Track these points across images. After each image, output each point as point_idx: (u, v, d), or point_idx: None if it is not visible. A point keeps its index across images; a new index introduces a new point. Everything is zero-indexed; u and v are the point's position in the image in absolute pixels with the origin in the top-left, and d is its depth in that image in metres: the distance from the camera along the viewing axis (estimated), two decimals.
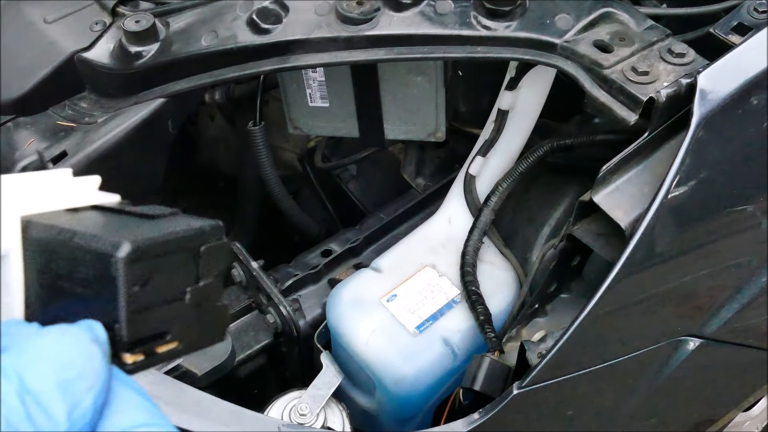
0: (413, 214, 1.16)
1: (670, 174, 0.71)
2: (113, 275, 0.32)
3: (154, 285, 0.34)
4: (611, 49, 0.78)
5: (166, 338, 0.35)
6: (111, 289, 0.32)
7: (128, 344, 0.33)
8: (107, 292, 0.33)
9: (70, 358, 0.29)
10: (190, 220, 0.38)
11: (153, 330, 0.34)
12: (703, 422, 1.04)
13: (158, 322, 0.34)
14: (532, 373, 0.74)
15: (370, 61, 0.83)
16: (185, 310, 0.35)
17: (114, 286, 0.32)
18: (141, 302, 0.33)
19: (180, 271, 0.35)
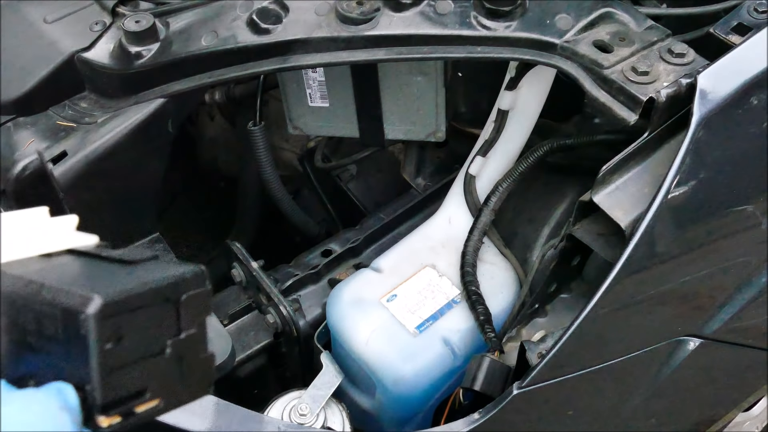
0: (413, 214, 1.16)
1: (670, 174, 0.71)
2: (83, 333, 0.30)
3: (130, 340, 0.31)
4: (611, 49, 0.78)
5: (145, 396, 0.32)
6: (81, 347, 0.30)
7: (102, 406, 0.31)
8: (77, 350, 0.30)
9: (36, 428, 0.27)
10: (170, 266, 0.35)
11: (130, 389, 0.31)
12: (703, 422, 1.04)
13: (135, 380, 0.32)
14: (532, 373, 0.74)
15: (370, 61, 0.83)
16: (165, 365, 0.33)
17: (84, 344, 0.30)
18: (115, 361, 0.31)
19: (159, 324, 0.33)
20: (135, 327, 0.31)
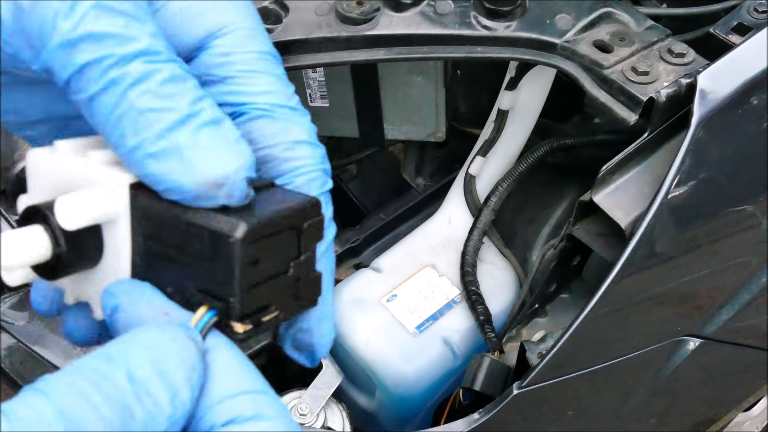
0: (413, 214, 1.16)
1: (670, 174, 0.71)
2: (229, 254, 0.34)
3: (264, 262, 0.35)
4: (611, 49, 0.78)
5: (270, 309, 0.36)
6: (227, 266, 0.34)
7: (240, 316, 0.35)
8: (222, 268, 0.34)
9: (168, 351, 0.30)
10: (287, 194, 0.39)
11: (259, 303, 0.36)
12: (703, 422, 1.04)
13: (265, 296, 0.36)
14: (532, 373, 0.74)
15: (370, 61, 0.83)
16: (287, 283, 0.37)
17: (230, 264, 0.34)
18: (252, 279, 0.35)
19: (284, 248, 0.37)
20: (268, 250, 0.35)
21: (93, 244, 0.37)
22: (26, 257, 0.34)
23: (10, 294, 0.90)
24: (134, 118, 0.31)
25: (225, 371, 0.32)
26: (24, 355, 0.83)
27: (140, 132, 0.32)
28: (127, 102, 0.31)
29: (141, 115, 0.31)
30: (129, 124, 0.32)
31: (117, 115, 0.31)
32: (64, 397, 0.26)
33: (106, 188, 0.35)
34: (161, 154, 0.32)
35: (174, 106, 0.32)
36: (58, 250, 0.35)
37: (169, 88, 0.32)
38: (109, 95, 0.31)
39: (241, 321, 0.35)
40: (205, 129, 0.33)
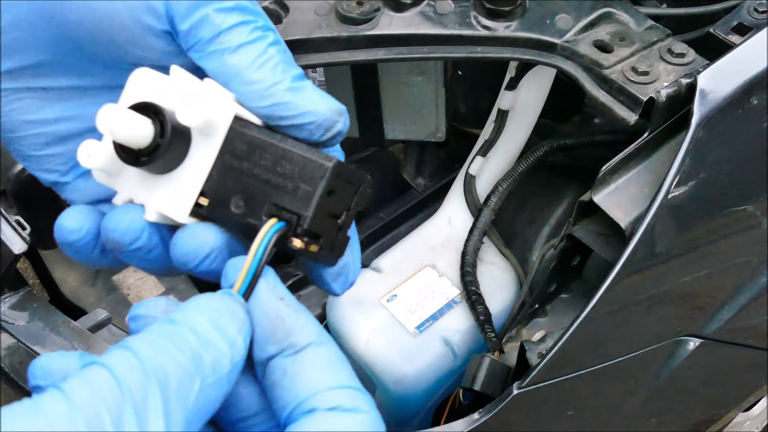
0: (413, 214, 1.16)
1: (670, 174, 0.71)
2: (318, 177, 0.40)
3: (334, 199, 0.41)
4: (611, 49, 0.78)
5: (318, 241, 0.41)
6: (310, 186, 0.40)
7: (305, 232, 0.40)
8: (304, 188, 0.40)
9: (220, 310, 0.36)
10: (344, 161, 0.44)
11: (316, 230, 0.41)
12: (703, 422, 1.04)
13: (321, 226, 0.41)
14: (532, 373, 0.74)
15: (370, 61, 0.83)
16: (334, 227, 0.42)
17: (315, 184, 0.40)
18: (323, 207, 0.40)
19: (345, 197, 0.42)
20: (339, 191, 0.41)
21: (181, 150, 0.41)
22: (135, 132, 0.39)
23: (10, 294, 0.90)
24: (275, 64, 0.42)
25: (329, 365, 0.37)
26: (24, 355, 0.83)
27: (281, 73, 0.42)
28: (268, 53, 0.42)
29: (280, 63, 0.42)
30: (270, 67, 0.42)
31: (261, 60, 0.41)
32: (146, 350, 0.32)
33: (220, 104, 0.41)
34: (300, 88, 0.42)
35: (296, 66, 0.43)
36: (159, 141, 0.40)
37: (287, 53, 0.43)
38: (257, 45, 0.42)
39: (300, 237, 0.40)
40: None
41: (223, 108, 0.41)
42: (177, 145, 0.41)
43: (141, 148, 0.40)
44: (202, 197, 0.41)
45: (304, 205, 0.40)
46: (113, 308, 1.00)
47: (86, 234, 0.44)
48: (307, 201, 0.40)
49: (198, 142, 0.42)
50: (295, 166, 0.41)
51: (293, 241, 0.40)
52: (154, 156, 0.40)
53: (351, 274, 0.48)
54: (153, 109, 0.40)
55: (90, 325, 0.88)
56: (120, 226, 0.43)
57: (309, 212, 0.40)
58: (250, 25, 0.42)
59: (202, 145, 0.42)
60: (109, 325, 0.91)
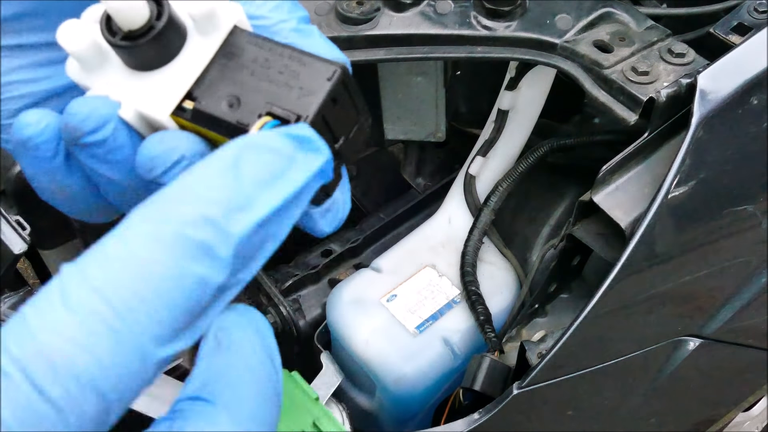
0: (413, 214, 1.16)
1: (670, 174, 0.71)
2: (323, 80, 0.37)
3: (335, 112, 0.38)
4: (611, 49, 0.78)
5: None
6: (314, 87, 0.36)
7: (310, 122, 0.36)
8: (307, 89, 0.36)
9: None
10: None
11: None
12: (703, 422, 1.04)
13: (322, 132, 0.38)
14: (532, 373, 0.74)
15: (370, 61, 0.83)
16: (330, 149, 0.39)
17: (320, 87, 0.36)
18: (324, 113, 0.37)
19: (345, 120, 0.39)
20: (340, 105, 0.38)
21: (173, 44, 0.37)
22: (131, 4, 0.35)
23: (10, 294, 0.90)
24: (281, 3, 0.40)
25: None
26: None
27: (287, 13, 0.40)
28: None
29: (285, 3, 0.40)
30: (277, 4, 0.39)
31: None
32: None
33: (224, 3, 0.38)
34: (306, 31, 0.40)
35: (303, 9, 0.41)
36: (153, 23, 0.36)
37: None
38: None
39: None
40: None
41: (228, 5, 0.38)
42: (170, 36, 0.37)
43: (132, 29, 0.36)
44: (189, 100, 0.37)
45: (305, 104, 0.36)
46: None
47: (46, 128, 0.37)
48: (309, 101, 0.36)
49: (194, 40, 0.38)
50: (300, 67, 0.37)
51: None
52: (145, 38, 0.36)
53: (340, 211, 0.44)
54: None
55: None
56: (83, 109, 0.36)
57: (311, 112, 0.36)
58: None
59: (198, 43, 0.38)
60: None
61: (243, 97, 0.37)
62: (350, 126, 0.40)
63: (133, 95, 0.37)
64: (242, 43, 0.38)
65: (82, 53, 0.36)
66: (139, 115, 0.37)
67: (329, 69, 0.37)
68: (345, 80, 0.38)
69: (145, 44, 0.36)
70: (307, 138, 0.34)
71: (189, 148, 0.36)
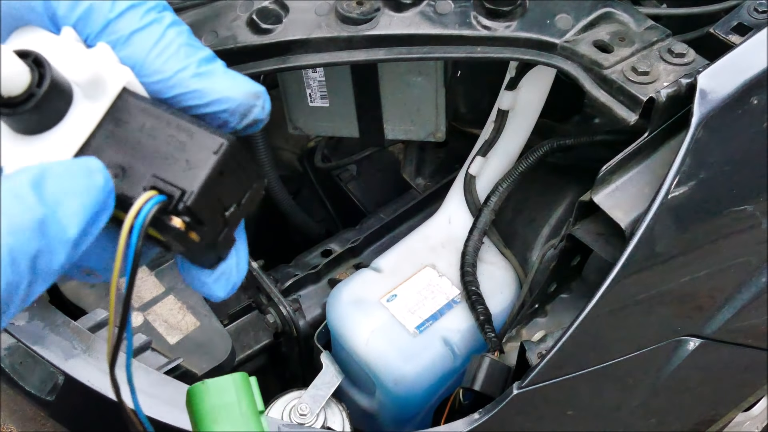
0: (413, 214, 1.16)
1: (670, 174, 0.71)
2: (209, 153, 0.36)
3: (224, 184, 0.37)
4: (611, 49, 0.78)
5: (201, 228, 0.37)
6: (200, 161, 0.36)
7: (184, 210, 0.36)
8: (194, 162, 0.36)
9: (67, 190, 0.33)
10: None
11: (199, 215, 0.37)
12: (703, 422, 1.04)
13: (205, 213, 0.37)
14: (532, 373, 0.74)
15: (370, 61, 0.83)
16: (219, 219, 0.38)
17: (206, 160, 0.36)
18: (211, 187, 0.36)
19: (236, 188, 0.39)
20: (229, 176, 0.37)
21: (58, 108, 0.36)
22: (9, 73, 0.34)
23: None
24: (176, 48, 0.38)
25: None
26: (24, 355, 0.83)
27: (184, 59, 0.38)
28: (167, 37, 0.38)
29: (182, 48, 0.38)
30: (172, 52, 0.38)
31: (160, 47, 0.38)
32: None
33: (112, 66, 0.37)
34: (208, 74, 0.39)
35: (202, 47, 0.40)
36: (34, 90, 0.35)
37: (191, 35, 0.40)
38: (152, 30, 0.38)
39: (180, 216, 0.36)
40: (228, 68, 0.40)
41: (115, 70, 0.37)
42: (54, 101, 0.36)
43: (11, 96, 0.35)
44: None
45: (190, 179, 0.36)
46: None
47: None
48: (195, 175, 0.36)
49: (80, 104, 0.37)
50: (187, 138, 0.36)
51: (172, 220, 0.36)
52: (25, 106, 0.35)
53: (234, 275, 0.43)
54: (34, 58, 0.35)
55: (90, 325, 0.88)
56: None
57: (195, 187, 0.35)
58: (141, 7, 0.38)
59: (85, 108, 0.37)
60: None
61: (128, 167, 0.36)
62: (241, 193, 0.39)
63: (16, 161, 0.36)
64: (130, 108, 0.37)
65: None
66: None
67: (216, 142, 0.36)
68: (233, 152, 0.37)
69: (26, 111, 0.35)
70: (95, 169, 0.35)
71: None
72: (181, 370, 0.88)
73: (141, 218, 0.35)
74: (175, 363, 0.87)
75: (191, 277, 0.42)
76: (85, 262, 0.38)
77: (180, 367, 0.88)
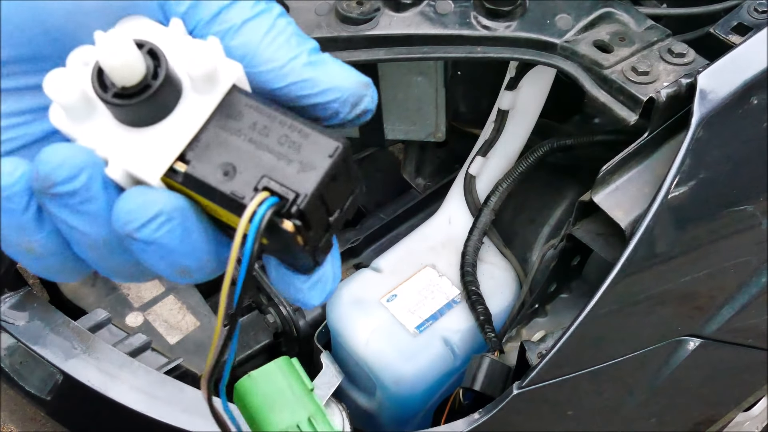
0: (413, 214, 1.16)
1: (670, 174, 0.71)
2: (327, 155, 0.35)
3: (333, 189, 0.36)
4: (611, 49, 0.78)
5: (307, 233, 0.35)
6: (314, 163, 0.35)
7: (297, 214, 0.34)
8: (308, 163, 0.35)
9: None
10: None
11: (309, 218, 0.35)
12: (703, 422, 1.04)
13: (313, 217, 0.35)
14: (532, 373, 0.74)
15: (370, 61, 0.83)
16: (324, 225, 0.37)
17: (321, 162, 0.34)
18: (323, 191, 0.35)
19: (341, 194, 0.37)
20: (339, 181, 0.36)
21: (168, 102, 0.35)
22: (129, 61, 0.33)
23: (10, 294, 0.90)
24: (287, 37, 0.38)
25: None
26: (24, 355, 0.83)
27: (296, 47, 0.38)
28: (278, 27, 0.38)
29: (292, 37, 0.38)
30: (284, 41, 0.38)
31: (272, 35, 0.37)
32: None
33: (224, 58, 0.36)
34: (320, 62, 0.38)
35: (309, 38, 0.39)
36: (149, 81, 0.34)
37: (297, 26, 0.39)
38: (264, 20, 0.38)
39: (291, 219, 0.34)
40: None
41: (227, 63, 0.36)
42: (166, 95, 0.35)
43: (125, 86, 0.34)
44: (180, 162, 0.35)
45: (304, 181, 0.34)
46: (113, 308, 1.00)
47: (20, 179, 0.34)
48: (308, 178, 0.34)
49: (190, 99, 0.36)
50: (300, 139, 0.35)
51: (283, 223, 0.34)
52: (138, 98, 0.34)
53: (329, 283, 0.41)
54: (149, 49, 0.35)
55: (90, 325, 0.88)
56: (56, 157, 0.33)
57: (309, 190, 0.34)
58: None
59: (194, 102, 0.36)
60: (109, 325, 0.91)
61: (239, 165, 0.35)
62: (345, 198, 0.38)
63: (121, 153, 0.35)
64: (240, 105, 0.36)
65: (72, 103, 0.34)
66: (127, 175, 0.35)
67: (331, 145, 0.35)
68: (345, 156, 0.35)
69: (139, 103, 0.34)
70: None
71: (169, 204, 0.34)
72: (181, 370, 0.88)
73: (256, 221, 0.33)
74: (175, 363, 0.87)
75: (286, 284, 0.40)
76: (180, 260, 0.36)
77: (180, 367, 0.88)
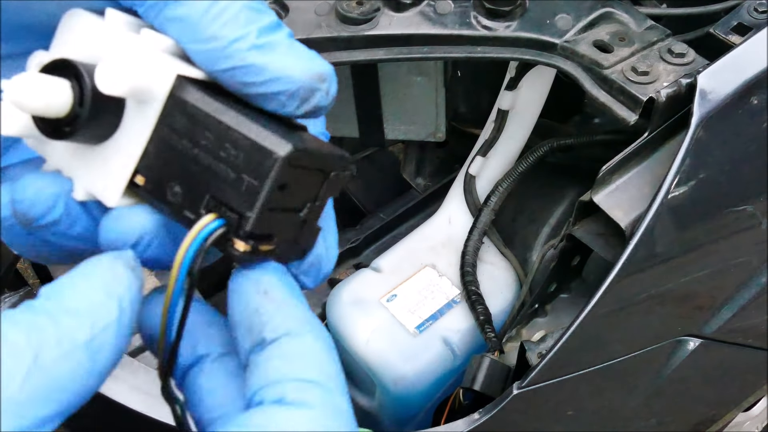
0: (413, 214, 1.16)
1: (670, 174, 0.71)
2: (265, 170, 0.32)
3: (288, 192, 0.34)
4: (611, 49, 0.78)
5: (271, 240, 0.35)
6: (256, 180, 0.33)
7: (248, 235, 0.33)
8: (250, 180, 0.33)
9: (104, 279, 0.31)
10: (322, 141, 0.38)
11: (266, 230, 0.34)
12: (703, 422, 1.04)
13: (273, 225, 0.34)
14: (532, 373, 0.74)
15: (370, 61, 0.83)
16: (294, 222, 0.36)
17: (262, 179, 0.32)
18: (274, 203, 0.33)
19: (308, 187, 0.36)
20: (296, 181, 0.34)
21: (110, 119, 0.34)
22: (45, 103, 0.32)
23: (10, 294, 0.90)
24: (235, 14, 0.33)
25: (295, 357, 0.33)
26: None
27: (243, 27, 0.33)
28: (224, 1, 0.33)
29: (241, 11, 0.33)
30: (230, 18, 0.33)
31: (216, 10, 0.33)
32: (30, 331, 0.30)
33: (155, 66, 0.34)
34: (268, 46, 0.33)
35: (266, 9, 0.34)
36: (78, 111, 0.33)
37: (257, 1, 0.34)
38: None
39: (246, 240, 0.33)
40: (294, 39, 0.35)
41: (161, 70, 0.34)
42: (104, 112, 0.34)
43: (59, 118, 0.33)
44: (139, 175, 0.34)
45: (248, 202, 0.33)
46: None
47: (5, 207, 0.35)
48: (252, 198, 0.33)
49: (132, 110, 0.34)
50: (241, 151, 0.33)
51: (236, 244, 0.33)
52: (75, 128, 0.33)
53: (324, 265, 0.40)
54: (73, 70, 0.33)
55: None
56: (27, 194, 0.34)
57: (253, 213, 0.33)
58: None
59: (137, 114, 0.34)
60: None
61: (187, 184, 0.34)
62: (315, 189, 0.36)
63: (82, 174, 0.35)
64: (186, 107, 0.34)
65: (20, 134, 0.34)
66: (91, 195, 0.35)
67: (270, 158, 0.32)
68: (295, 160, 0.33)
69: (76, 132, 0.33)
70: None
71: (148, 223, 0.34)
72: None
73: (194, 247, 0.32)
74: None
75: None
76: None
77: None
